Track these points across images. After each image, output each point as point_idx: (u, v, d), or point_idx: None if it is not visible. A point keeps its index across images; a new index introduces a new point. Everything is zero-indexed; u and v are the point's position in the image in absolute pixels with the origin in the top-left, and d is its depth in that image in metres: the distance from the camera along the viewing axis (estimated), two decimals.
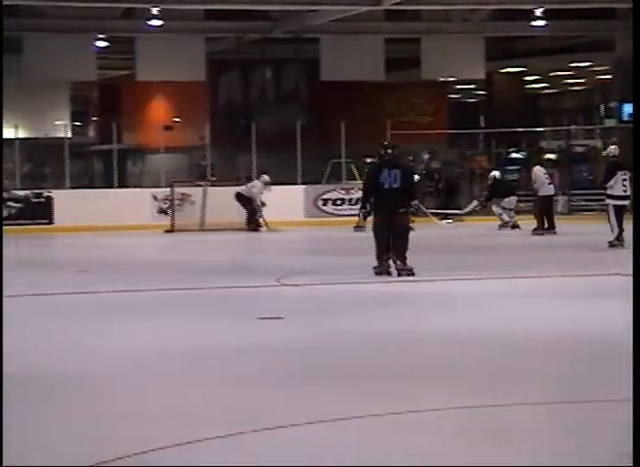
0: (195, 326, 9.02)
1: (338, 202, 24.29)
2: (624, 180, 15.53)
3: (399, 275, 11.88)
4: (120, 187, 24.82)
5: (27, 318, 9.78)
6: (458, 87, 34.61)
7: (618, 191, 15.57)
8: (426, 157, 26.22)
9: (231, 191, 22.82)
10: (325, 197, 24.59)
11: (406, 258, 11.94)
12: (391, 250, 12.00)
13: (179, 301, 11.09)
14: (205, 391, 6.42)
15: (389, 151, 12.35)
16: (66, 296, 11.39)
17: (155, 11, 23.45)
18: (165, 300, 11.17)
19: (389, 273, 11.95)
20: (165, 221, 22.93)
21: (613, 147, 16.94)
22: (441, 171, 26.49)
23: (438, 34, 26.91)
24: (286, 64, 28.89)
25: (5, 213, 19.81)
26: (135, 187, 24.53)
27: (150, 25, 24.38)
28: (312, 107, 28.49)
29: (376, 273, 11.96)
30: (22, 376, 6.92)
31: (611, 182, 15.59)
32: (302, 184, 24.72)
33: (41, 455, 5.01)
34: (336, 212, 24.13)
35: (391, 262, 11.99)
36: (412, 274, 11.83)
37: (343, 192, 24.35)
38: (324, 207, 24.52)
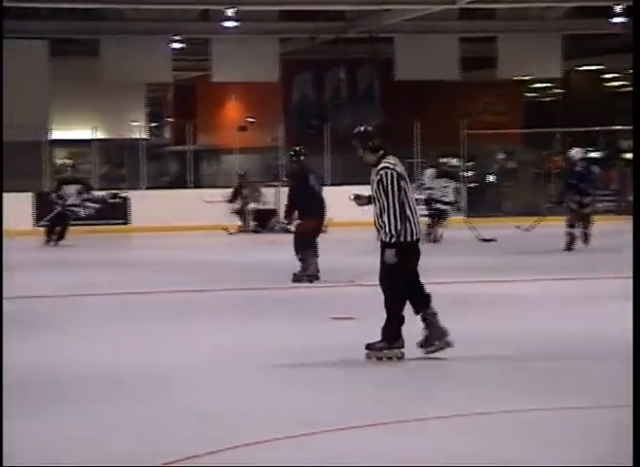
0: (268, 326, 9.04)
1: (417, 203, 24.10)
2: None
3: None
4: (194, 187, 25.00)
5: (101, 317, 9.89)
6: (534, 85, 34.21)
7: None
8: (501, 157, 25.95)
9: None
10: None
11: None
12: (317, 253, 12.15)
13: (252, 301, 11.12)
14: (278, 391, 6.42)
15: (302, 158, 12.54)
16: (140, 295, 11.49)
17: (230, 12, 23.58)
18: (239, 299, 11.21)
19: (317, 277, 12.04)
20: (239, 221, 23.03)
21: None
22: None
23: (513, 33, 26.61)
24: (360, 64, 28.81)
25: (82, 213, 20.09)
26: (210, 187, 24.64)
27: (225, 27, 24.53)
28: (386, 107, 28.37)
29: (312, 280, 11.98)
30: (95, 374, 6.98)
31: None
32: None
33: (112, 454, 5.02)
34: None
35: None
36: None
37: (417, 192, 24.16)
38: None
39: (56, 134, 26.69)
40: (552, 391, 6.28)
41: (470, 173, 28.49)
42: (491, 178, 25.76)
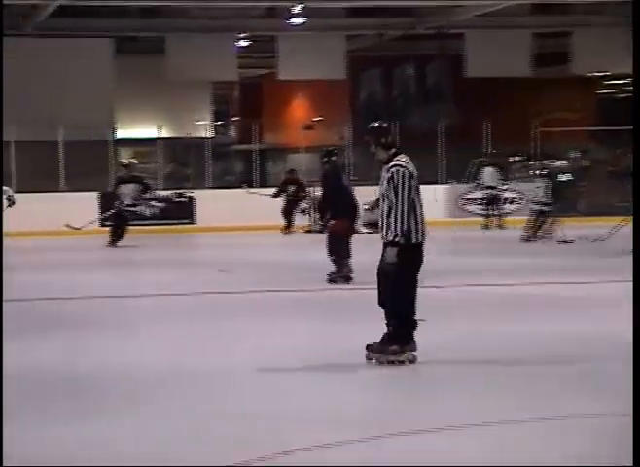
0: (333, 327, 8.90)
1: (480, 202, 23.66)
2: None
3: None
4: (260, 186, 24.73)
5: (168, 317, 9.80)
6: (609, 82, 33.44)
7: None
8: (575, 155, 25.28)
9: (372, 190, 22.39)
10: (467, 196, 24.07)
11: None
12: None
13: (317, 302, 10.93)
14: (343, 393, 6.29)
15: (333, 158, 12.47)
16: (206, 295, 11.36)
17: (296, 9, 23.30)
18: (304, 300, 11.02)
19: (351, 277, 11.80)
20: (306, 221, 22.71)
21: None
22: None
23: (587, 28, 25.97)
24: (429, 61, 28.35)
25: (147, 213, 20.00)
26: (275, 186, 24.35)
27: (291, 24, 24.24)
28: (456, 104, 27.86)
29: (348, 280, 11.76)
30: (160, 374, 6.90)
31: None
32: (445, 183, 24.21)
33: (180, 454, 4.93)
34: (478, 212, 23.52)
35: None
36: None
37: (477, 191, 23.72)
38: (466, 207, 24.02)
39: (121, 133, 26.69)
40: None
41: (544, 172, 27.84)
42: (564, 177, 25.05)
